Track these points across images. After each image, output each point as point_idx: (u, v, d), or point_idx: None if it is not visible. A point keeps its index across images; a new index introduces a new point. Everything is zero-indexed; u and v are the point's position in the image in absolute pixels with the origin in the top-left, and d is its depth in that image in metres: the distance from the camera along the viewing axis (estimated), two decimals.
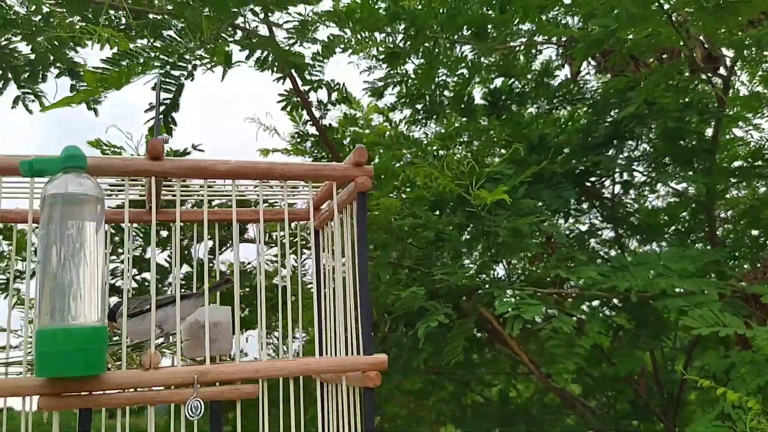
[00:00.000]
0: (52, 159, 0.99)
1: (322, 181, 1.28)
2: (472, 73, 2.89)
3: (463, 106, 2.99)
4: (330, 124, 2.91)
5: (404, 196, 2.27)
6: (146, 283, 2.93)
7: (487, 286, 1.84)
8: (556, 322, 1.67)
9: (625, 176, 2.69)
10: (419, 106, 3.10)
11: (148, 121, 2.08)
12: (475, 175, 1.82)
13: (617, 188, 3.03)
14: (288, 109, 2.73)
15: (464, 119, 3.09)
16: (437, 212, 2.17)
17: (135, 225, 1.67)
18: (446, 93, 3.18)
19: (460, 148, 3.13)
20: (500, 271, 2.21)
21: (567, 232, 2.56)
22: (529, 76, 3.04)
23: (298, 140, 3.08)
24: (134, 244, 2.63)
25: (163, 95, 2.00)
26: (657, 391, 3.18)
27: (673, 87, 2.44)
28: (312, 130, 3.02)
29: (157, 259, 2.71)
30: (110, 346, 1.14)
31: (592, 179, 2.53)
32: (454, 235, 2.01)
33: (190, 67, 1.93)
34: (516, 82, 3.00)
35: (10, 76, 2.27)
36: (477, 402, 3.33)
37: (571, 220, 2.71)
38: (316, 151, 3.11)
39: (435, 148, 3.07)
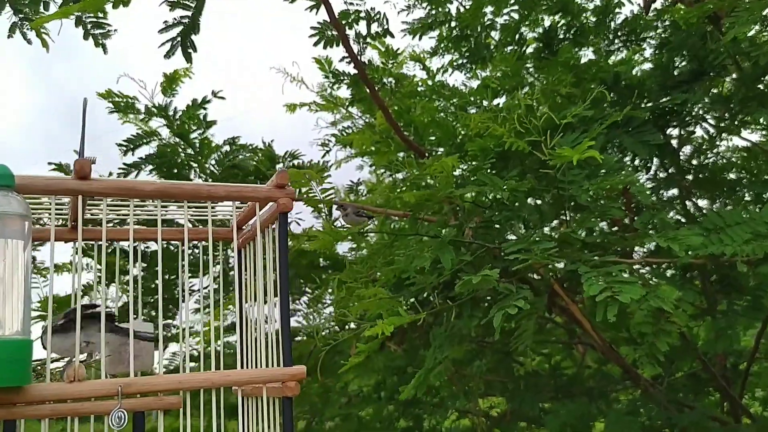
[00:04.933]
0: None
1: (246, 201, 1.33)
2: (527, 8, 2.56)
3: (514, 47, 2.67)
4: (370, 60, 2.61)
5: (465, 152, 1.96)
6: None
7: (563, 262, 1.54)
8: (653, 300, 1.38)
9: (707, 119, 2.36)
10: (464, 49, 2.79)
11: (164, 44, 1.81)
12: (549, 127, 1.51)
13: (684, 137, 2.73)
14: (322, 44, 2.42)
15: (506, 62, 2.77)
16: (502, 172, 1.87)
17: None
18: (493, 35, 2.87)
19: (506, 95, 2.83)
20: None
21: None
22: (588, 14, 2.71)
23: (333, 82, 2.77)
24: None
25: (181, 13, 1.74)
26: (717, 362, 2.90)
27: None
28: (347, 69, 2.72)
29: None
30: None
31: (674, 123, 2.20)
32: (523, 202, 1.72)
33: None
34: (573, 20, 2.68)
35: None
36: (528, 373, 3.08)
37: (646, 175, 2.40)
38: (352, 93, 2.80)
39: (478, 98, 2.77)
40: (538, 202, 1.99)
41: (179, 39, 1.75)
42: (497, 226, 1.78)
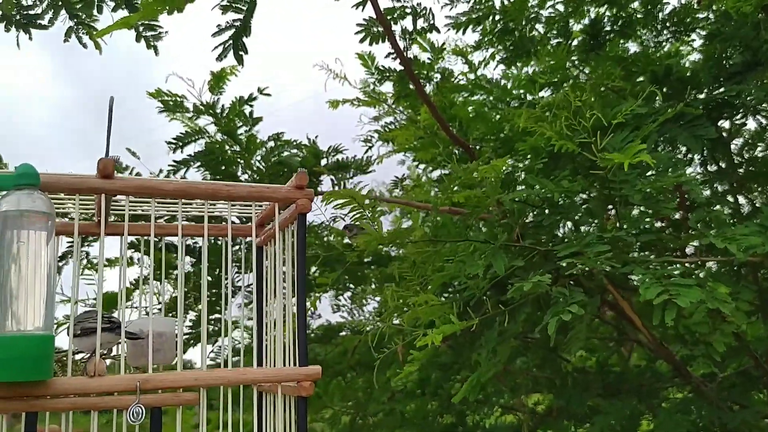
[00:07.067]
0: (6, 176, 1.05)
1: (266, 201, 1.34)
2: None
3: (560, 40, 2.63)
4: (415, 56, 2.60)
5: (515, 152, 1.94)
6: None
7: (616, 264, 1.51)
8: (711, 302, 1.35)
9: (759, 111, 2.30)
10: (508, 43, 2.76)
11: (216, 47, 1.84)
12: (599, 126, 1.48)
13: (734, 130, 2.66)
14: (368, 41, 2.43)
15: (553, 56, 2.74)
16: (553, 172, 1.85)
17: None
18: (538, 27, 2.84)
19: (550, 89, 2.79)
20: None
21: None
22: (635, 5, 2.66)
23: (378, 78, 2.77)
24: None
25: (233, 16, 1.77)
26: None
27: None
28: (391, 65, 2.72)
29: None
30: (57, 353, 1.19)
31: (725, 115, 2.15)
32: (573, 202, 1.69)
33: None
34: (620, 12, 2.63)
35: (60, 3, 2.02)
36: (576, 369, 3.04)
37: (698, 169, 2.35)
38: (398, 88, 2.79)
39: (522, 92, 2.74)
40: (583, 197, 1.96)
41: (231, 42, 1.77)
42: (545, 226, 1.75)
